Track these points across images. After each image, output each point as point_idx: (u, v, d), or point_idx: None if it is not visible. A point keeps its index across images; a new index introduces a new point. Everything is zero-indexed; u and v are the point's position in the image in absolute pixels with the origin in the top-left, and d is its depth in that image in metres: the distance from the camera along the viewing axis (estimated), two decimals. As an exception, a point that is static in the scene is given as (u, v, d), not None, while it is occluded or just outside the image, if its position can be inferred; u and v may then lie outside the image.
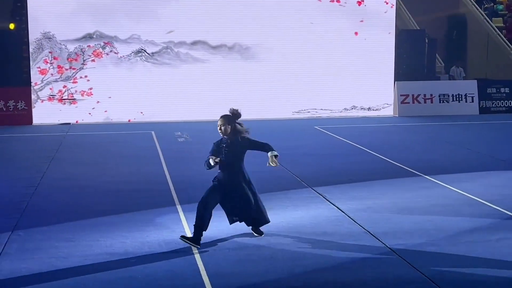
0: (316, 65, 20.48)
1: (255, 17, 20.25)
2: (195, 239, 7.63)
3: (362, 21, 20.56)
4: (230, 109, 8.15)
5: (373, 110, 20.99)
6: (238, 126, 8.08)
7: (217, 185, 7.95)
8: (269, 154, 8.19)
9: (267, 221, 8.14)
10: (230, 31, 20.12)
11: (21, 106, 18.97)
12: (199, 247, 7.58)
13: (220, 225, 8.59)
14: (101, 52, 19.52)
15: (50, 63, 19.33)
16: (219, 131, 8.07)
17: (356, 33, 20.53)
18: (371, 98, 20.93)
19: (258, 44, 20.31)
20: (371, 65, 20.72)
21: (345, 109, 20.84)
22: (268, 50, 20.36)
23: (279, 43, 20.34)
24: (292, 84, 20.42)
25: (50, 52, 19.28)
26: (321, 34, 20.48)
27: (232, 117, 8.09)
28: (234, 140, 8.02)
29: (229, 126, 8.02)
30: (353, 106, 20.88)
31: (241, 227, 8.56)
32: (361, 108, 20.94)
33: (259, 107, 20.09)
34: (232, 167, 8.01)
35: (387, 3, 20.76)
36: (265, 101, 20.25)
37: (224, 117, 8.09)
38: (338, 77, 20.61)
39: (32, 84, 19.28)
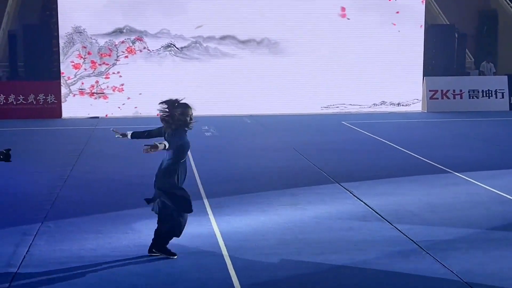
0: (344, 60, 20.36)
1: (284, 11, 20.20)
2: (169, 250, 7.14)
3: (398, 12, 20.34)
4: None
5: (402, 105, 20.82)
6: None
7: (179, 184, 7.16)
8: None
9: None
10: (259, 25, 20.11)
11: (50, 100, 19.18)
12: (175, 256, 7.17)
13: (246, 219, 8.61)
14: (134, 49, 19.65)
15: (84, 58, 19.51)
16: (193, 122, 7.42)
17: (394, 24, 20.32)
18: (400, 94, 20.77)
19: (286, 39, 20.26)
20: (400, 60, 20.54)
21: (374, 104, 20.71)
22: (297, 44, 20.30)
23: (307, 38, 20.27)
24: (321, 79, 20.34)
25: (84, 47, 19.46)
26: (351, 29, 20.35)
27: None
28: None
29: None
30: (382, 101, 20.74)
31: (268, 221, 8.58)
32: (391, 104, 20.78)
33: (287, 101, 20.08)
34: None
35: (416, -2, 20.58)
36: (293, 96, 20.20)
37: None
38: (367, 72, 20.48)
39: (65, 78, 19.45)
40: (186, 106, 7.26)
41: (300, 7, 20.22)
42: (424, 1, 20.79)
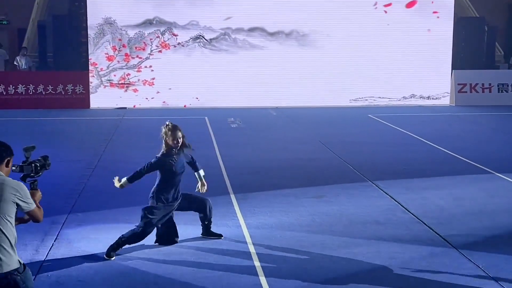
0: (373, 52, 20.20)
1: (313, 3, 20.10)
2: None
3: (432, 2, 20.12)
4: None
5: (432, 99, 20.63)
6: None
7: (160, 206, 7.15)
8: (201, 172, 7.48)
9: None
10: (287, 17, 20.05)
11: (79, 90, 19.36)
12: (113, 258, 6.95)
13: (272, 211, 8.63)
14: (168, 44, 19.73)
15: (119, 50, 19.64)
16: (177, 144, 7.22)
17: (429, 31, 20.17)
18: (430, 87, 20.57)
19: (315, 31, 20.18)
20: (429, 53, 20.33)
21: (403, 97, 20.54)
22: (326, 37, 20.21)
23: (336, 30, 20.17)
24: (349, 71, 20.21)
25: (119, 40, 19.58)
26: (380, 22, 20.19)
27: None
28: (182, 153, 7.32)
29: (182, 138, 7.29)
30: (412, 94, 20.56)
31: (294, 214, 8.59)
32: (420, 97, 20.59)
33: (315, 94, 20.02)
34: (176, 182, 7.24)
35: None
36: (321, 89, 20.12)
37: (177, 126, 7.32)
38: (396, 65, 20.29)
39: (97, 69, 19.59)
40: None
41: (329, -2, 20.12)
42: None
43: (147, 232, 7.10)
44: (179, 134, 7.28)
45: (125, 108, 19.54)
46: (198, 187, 7.58)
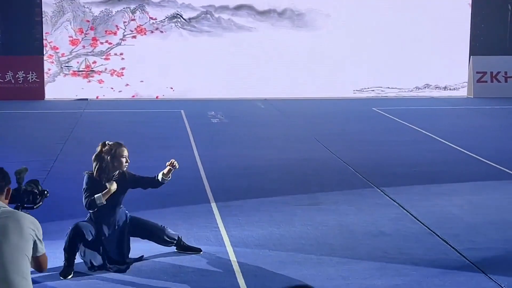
0: (381, 36, 20.25)
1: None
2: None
3: None
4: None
5: (450, 89, 20.72)
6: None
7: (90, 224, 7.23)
8: (161, 175, 7.39)
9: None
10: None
11: (31, 78, 19.26)
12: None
13: (259, 220, 8.65)
14: (144, 29, 19.67)
15: (85, 34, 19.56)
16: (126, 164, 7.26)
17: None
18: (446, 76, 20.64)
19: (313, 10, 20.21)
20: (444, 36, 20.41)
21: (416, 88, 20.62)
22: (325, 17, 20.26)
23: (338, 9, 20.20)
24: (353, 58, 20.26)
25: (87, 21, 19.50)
26: (389, 1, 20.25)
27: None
28: (123, 174, 7.32)
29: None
30: (426, 84, 20.63)
31: (284, 224, 8.60)
32: (436, 87, 20.68)
33: (312, 84, 20.05)
34: (118, 207, 7.30)
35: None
36: (320, 78, 20.12)
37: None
38: (408, 51, 20.35)
39: (58, 54, 19.48)
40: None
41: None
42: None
43: (75, 232, 7.05)
44: (126, 152, 7.25)
45: (87, 99, 19.48)
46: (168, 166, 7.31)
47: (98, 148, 7.28)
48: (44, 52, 19.54)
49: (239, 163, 12.06)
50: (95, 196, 7.08)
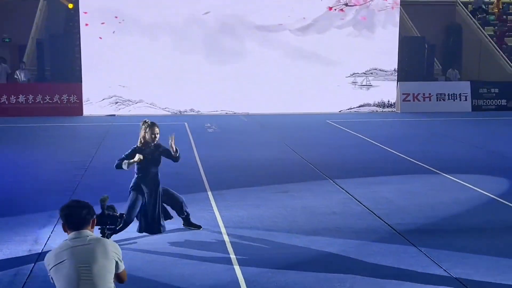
0: (332, 66, 20.25)
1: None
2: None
3: (382, 22, 20.21)
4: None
5: (381, 106, 20.71)
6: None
7: (138, 193, 7.14)
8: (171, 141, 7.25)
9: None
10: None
11: (73, 100, 19.09)
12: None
13: (244, 204, 8.60)
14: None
15: None
16: (154, 139, 7.19)
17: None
18: (378, 96, 20.70)
19: (279, 39, 20.10)
20: (378, 66, 20.49)
21: (360, 105, 20.56)
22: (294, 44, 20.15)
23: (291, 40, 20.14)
24: (316, 82, 20.04)
25: None
26: (332, 40, 20.25)
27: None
28: (158, 149, 7.26)
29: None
30: (367, 103, 20.62)
31: (263, 206, 8.56)
32: (374, 105, 20.64)
33: (283, 102, 19.89)
34: (153, 171, 7.20)
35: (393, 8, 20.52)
36: (288, 97, 19.92)
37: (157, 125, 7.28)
38: (346, 79, 20.39)
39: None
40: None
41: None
42: (398, 16, 20.75)
43: (129, 221, 6.97)
44: (157, 130, 7.25)
45: (114, 115, 19.31)
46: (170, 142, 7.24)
47: (141, 123, 7.32)
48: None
49: (229, 161, 12.01)
50: (124, 161, 7.06)
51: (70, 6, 20.27)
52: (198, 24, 19.52)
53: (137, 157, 7.05)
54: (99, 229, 4.53)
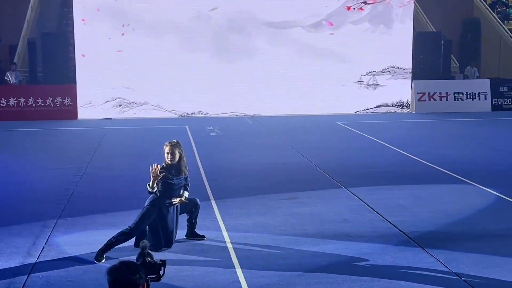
0: (347, 65, 20.29)
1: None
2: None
3: (395, 17, 20.26)
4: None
5: (395, 106, 20.70)
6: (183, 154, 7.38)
7: (153, 210, 7.13)
8: (185, 193, 7.37)
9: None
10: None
11: (67, 103, 19.17)
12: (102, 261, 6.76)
13: (248, 212, 8.62)
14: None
15: None
16: (167, 158, 7.23)
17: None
18: (391, 96, 20.70)
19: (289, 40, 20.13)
20: (391, 64, 20.50)
21: (373, 107, 20.58)
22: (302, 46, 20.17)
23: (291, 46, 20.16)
24: (326, 82, 20.10)
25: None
26: (341, 39, 20.28)
27: (178, 144, 7.36)
28: (181, 166, 7.31)
29: (178, 153, 7.28)
30: (378, 104, 20.64)
31: (269, 214, 8.59)
32: (385, 105, 20.64)
33: (289, 103, 19.96)
34: (176, 194, 7.26)
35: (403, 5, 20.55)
36: (295, 98, 19.96)
37: (172, 144, 7.31)
38: (356, 78, 20.42)
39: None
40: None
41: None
42: (413, 10, 20.77)
43: (134, 233, 7.03)
44: (165, 148, 7.29)
45: (111, 118, 19.39)
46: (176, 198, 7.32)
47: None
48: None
49: (232, 167, 12.04)
50: (148, 184, 7.12)
51: None
52: (205, 21, 19.59)
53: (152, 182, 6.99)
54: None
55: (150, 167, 7.08)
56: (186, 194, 7.42)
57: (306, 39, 20.10)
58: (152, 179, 7.06)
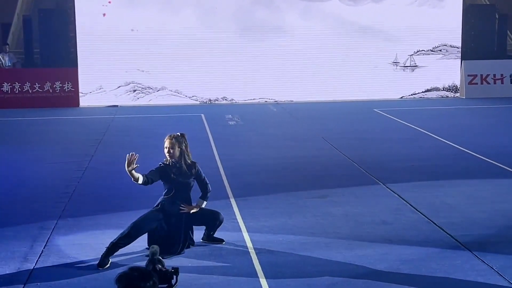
0: (379, 45, 20.17)
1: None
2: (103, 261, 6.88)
3: None
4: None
5: (442, 90, 20.55)
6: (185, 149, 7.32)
7: (157, 212, 7.25)
8: (201, 202, 7.40)
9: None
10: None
11: (67, 88, 19.34)
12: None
13: (273, 212, 8.64)
14: None
15: None
16: (166, 153, 7.28)
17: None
18: (437, 79, 20.53)
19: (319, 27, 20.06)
20: (437, 43, 20.32)
21: (414, 93, 20.47)
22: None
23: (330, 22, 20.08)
24: (351, 67, 20.08)
25: None
26: (381, 11, 20.14)
27: (181, 138, 7.32)
28: (184, 164, 7.28)
29: (179, 149, 7.26)
30: (422, 87, 20.49)
31: (296, 215, 8.59)
32: (431, 88, 20.49)
33: (319, 88, 19.94)
34: (182, 195, 7.31)
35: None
36: (325, 83, 19.97)
37: (173, 137, 7.29)
38: (403, 57, 20.29)
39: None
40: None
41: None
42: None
43: (132, 234, 7.07)
44: (165, 143, 7.30)
45: (117, 106, 19.52)
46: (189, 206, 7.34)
47: None
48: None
49: (254, 161, 12.06)
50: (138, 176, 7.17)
51: None
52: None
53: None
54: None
55: (127, 155, 7.04)
56: (203, 203, 7.42)
57: (343, 13, 20.01)
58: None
